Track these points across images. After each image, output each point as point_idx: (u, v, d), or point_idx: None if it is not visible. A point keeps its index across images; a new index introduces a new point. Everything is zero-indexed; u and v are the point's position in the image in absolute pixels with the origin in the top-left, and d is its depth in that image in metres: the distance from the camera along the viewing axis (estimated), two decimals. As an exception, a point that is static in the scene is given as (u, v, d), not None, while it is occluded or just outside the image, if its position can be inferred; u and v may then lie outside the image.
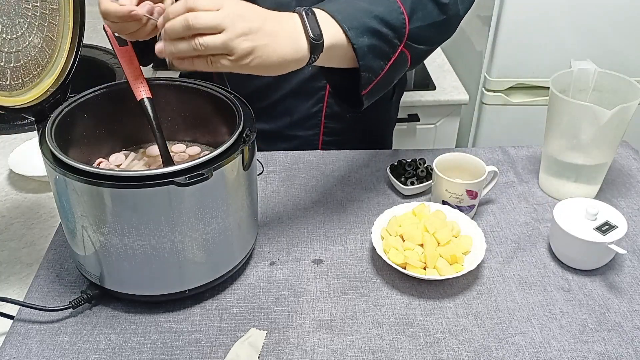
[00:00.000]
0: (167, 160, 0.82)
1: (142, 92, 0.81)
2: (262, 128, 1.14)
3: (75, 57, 0.86)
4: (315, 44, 0.75)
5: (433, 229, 0.89)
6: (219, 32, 0.67)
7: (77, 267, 0.85)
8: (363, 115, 1.21)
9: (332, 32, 0.77)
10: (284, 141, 1.18)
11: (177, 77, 1.31)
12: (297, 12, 0.75)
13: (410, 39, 0.84)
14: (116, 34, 0.84)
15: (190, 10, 0.67)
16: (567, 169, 1.01)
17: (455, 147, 1.79)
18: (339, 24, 0.77)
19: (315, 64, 0.78)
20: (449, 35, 0.94)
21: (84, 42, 0.88)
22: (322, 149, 1.19)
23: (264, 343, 0.78)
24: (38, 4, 0.80)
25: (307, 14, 0.75)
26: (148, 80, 0.84)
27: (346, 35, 0.77)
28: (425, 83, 1.79)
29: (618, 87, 0.99)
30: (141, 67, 0.85)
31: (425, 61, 1.90)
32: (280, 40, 0.72)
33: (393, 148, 1.36)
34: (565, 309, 0.84)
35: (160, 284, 0.80)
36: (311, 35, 0.74)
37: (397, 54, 0.84)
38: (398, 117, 1.42)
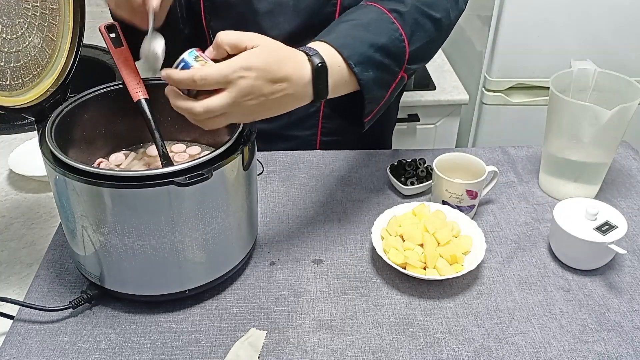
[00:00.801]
0: (166, 160, 0.82)
1: (139, 93, 0.81)
2: (260, 128, 1.14)
3: (75, 57, 0.86)
4: (321, 97, 0.78)
5: (433, 229, 0.89)
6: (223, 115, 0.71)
7: (77, 267, 0.85)
8: None
9: (339, 74, 0.78)
10: (282, 141, 1.18)
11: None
12: (310, 64, 0.75)
13: (408, 62, 0.86)
14: (112, 36, 0.84)
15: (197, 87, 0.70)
16: (567, 169, 1.01)
17: (455, 147, 1.79)
18: (345, 61, 0.78)
19: None
20: (440, 47, 0.96)
21: (84, 42, 0.88)
22: (320, 149, 1.19)
23: (264, 343, 0.78)
24: (38, 4, 0.80)
25: (318, 71, 0.75)
26: (146, 80, 0.84)
27: (351, 70, 0.79)
28: (425, 83, 1.79)
29: (618, 87, 0.99)
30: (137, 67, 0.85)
31: (425, 61, 1.90)
32: (285, 106, 0.75)
33: (393, 148, 1.36)
34: (565, 309, 0.84)
35: (160, 284, 0.80)
36: (319, 94, 0.77)
37: (397, 80, 0.86)
38: (398, 117, 1.42)
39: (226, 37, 0.70)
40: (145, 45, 0.82)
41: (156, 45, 0.81)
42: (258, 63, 0.70)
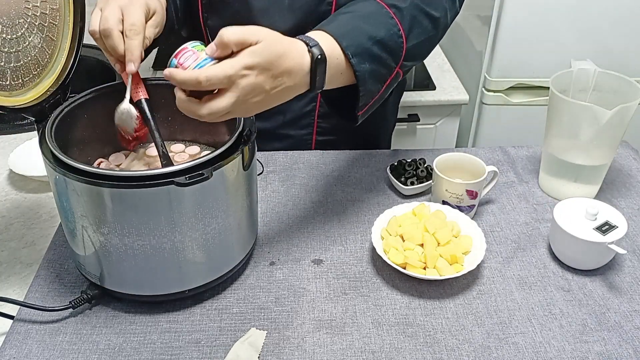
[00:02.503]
0: (166, 161, 0.82)
1: (139, 93, 0.81)
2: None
3: (75, 57, 0.86)
4: (317, 88, 0.77)
5: (433, 229, 0.89)
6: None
7: (77, 267, 0.85)
8: None
9: (336, 66, 0.78)
10: (278, 140, 1.18)
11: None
12: (310, 55, 0.75)
13: (405, 58, 0.86)
14: None
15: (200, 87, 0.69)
16: (567, 169, 1.01)
17: (455, 147, 1.78)
18: (343, 51, 0.78)
19: None
20: (435, 46, 0.96)
21: (84, 42, 0.88)
22: (315, 149, 1.19)
23: (264, 343, 0.78)
24: (38, 4, 0.80)
25: (317, 63, 0.75)
26: (146, 80, 0.84)
27: (349, 61, 0.79)
28: (425, 83, 1.79)
29: (618, 87, 0.99)
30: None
31: (425, 61, 1.90)
32: (284, 98, 0.75)
33: (393, 148, 1.36)
34: (565, 309, 0.84)
35: (160, 284, 0.80)
36: (316, 86, 0.76)
37: (392, 75, 0.86)
38: (398, 117, 1.42)
39: (232, 35, 0.69)
40: (123, 105, 0.81)
41: (132, 109, 0.81)
42: (261, 61, 0.70)
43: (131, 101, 0.81)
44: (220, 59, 0.70)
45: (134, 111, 0.81)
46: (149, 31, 0.81)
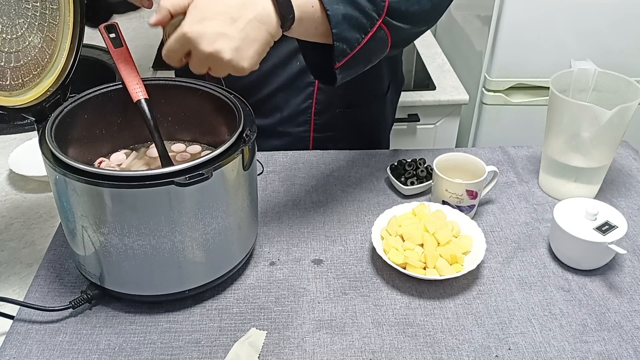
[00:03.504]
0: (166, 161, 0.82)
1: (139, 94, 0.81)
2: None
3: (75, 57, 0.86)
4: (285, 19, 0.74)
5: (433, 229, 0.89)
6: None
7: (77, 267, 0.85)
8: (354, 111, 1.20)
9: (305, 3, 0.76)
10: (275, 138, 1.18)
11: (174, 76, 1.31)
12: None
13: (389, 14, 0.82)
14: (112, 36, 0.84)
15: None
16: (567, 169, 1.01)
17: (455, 147, 1.78)
18: None
19: (289, 34, 0.77)
20: (433, 18, 0.91)
21: (84, 42, 0.88)
22: (313, 146, 1.19)
23: (264, 343, 0.78)
24: (38, 4, 0.80)
25: None
26: (146, 80, 0.84)
27: (320, 2, 0.76)
28: (425, 83, 1.79)
29: (618, 87, 0.99)
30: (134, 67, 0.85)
31: (425, 61, 1.90)
32: (255, 34, 0.73)
33: (393, 148, 1.36)
34: (565, 309, 0.84)
35: (160, 284, 0.80)
36: (282, 13, 0.74)
37: (375, 29, 0.81)
38: (398, 117, 1.42)
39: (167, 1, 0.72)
40: None
41: None
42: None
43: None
44: None
45: None
46: None
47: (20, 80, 0.78)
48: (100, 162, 0.90)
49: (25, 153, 1.14)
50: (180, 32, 0.71)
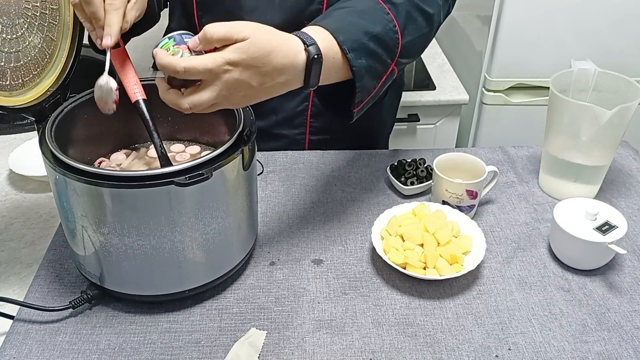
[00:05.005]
0: (165, 161, 0.82)
1: (137, 94, 0.81)
2: None
3: (75, 57, 0.86)
4: (308, 87, 0.77)
5: (433, 229, 0.89)
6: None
7: (77, 267, 0.85)
8: None
9: (332, 63, 0.77)
10: (271, 140, 1.18)
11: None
12: (306, 54, 0.74)
13: (400, 55, 0.86)
14: None
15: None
16: (567, 169, 1.01)
17: (455, 147, 1.78)
18: (340, 46, 0.78)
19: None
20: (429, 43, 0.96)
21: (84, 42, 0.88)
22: (309, 149, 1.19)
23: (264, 343, 0.78)
24: (38, 4, 0.80)
25: (313, 62, 0.74)
26: (144, 80, 0.84)
27: (345, 57, 0.78)
28: (425, 83, 1.79)
29: (618, 87, 0.99)
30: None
31: (425, 61, 1.90)
32: (275, 93, 0.75)
33: (393, 148, 1.36)
34: (565, 309, 0.84)
35: (160, 284, 0.80)
36: (310, 83, 0.76)
37: (388, 72, 0.86)
38: (398, 117, 1.42)
39: (215, 31, 0.69)
40: (103, 78, 0.80)
41: (111, 81, 0.80)
42: (246, 57, 0.69)
43: (110, 73, 0.79)
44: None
45: (113, 83, 0.78)
46: (129, 14, 0.79)
47: (20, 80, 0.78)
48: (100, 162, 0.90)
49: (25, 153, 1.14)
50: (214, 99, 0.70)
